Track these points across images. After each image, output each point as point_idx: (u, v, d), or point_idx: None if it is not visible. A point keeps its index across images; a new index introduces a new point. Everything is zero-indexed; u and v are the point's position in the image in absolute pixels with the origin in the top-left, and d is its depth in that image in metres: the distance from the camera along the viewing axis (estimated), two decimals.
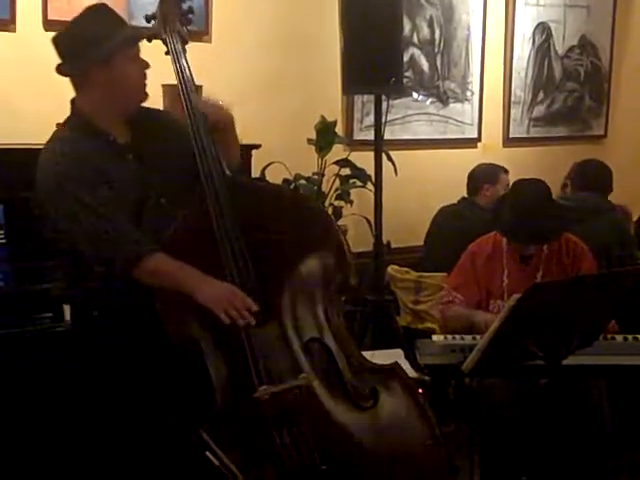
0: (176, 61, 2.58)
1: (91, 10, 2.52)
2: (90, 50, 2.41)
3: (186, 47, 2.64)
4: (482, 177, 4.76)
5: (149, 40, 2.61)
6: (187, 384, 2.44)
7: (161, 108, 3.28)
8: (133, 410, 2.47)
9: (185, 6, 2.67)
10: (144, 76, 2.53)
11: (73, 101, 2.54)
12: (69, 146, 2.42)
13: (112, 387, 2.48)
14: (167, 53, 2.61)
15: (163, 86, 3.42)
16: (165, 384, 2.45)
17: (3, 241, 3.20)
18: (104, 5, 2.56)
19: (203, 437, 2.23)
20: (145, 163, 2.54)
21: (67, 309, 2.93)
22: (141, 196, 2.50)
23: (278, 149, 4.31)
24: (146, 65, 2.53)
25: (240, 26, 4.50)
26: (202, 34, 4.28)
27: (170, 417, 2.35)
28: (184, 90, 2.56)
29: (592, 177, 4.57)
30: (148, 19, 2.67)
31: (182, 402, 2.42)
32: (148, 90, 2.59)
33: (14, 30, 3.69)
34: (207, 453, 2.21)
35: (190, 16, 2.69)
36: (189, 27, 2.66)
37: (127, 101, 2.53)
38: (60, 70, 2.48)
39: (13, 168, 2.46)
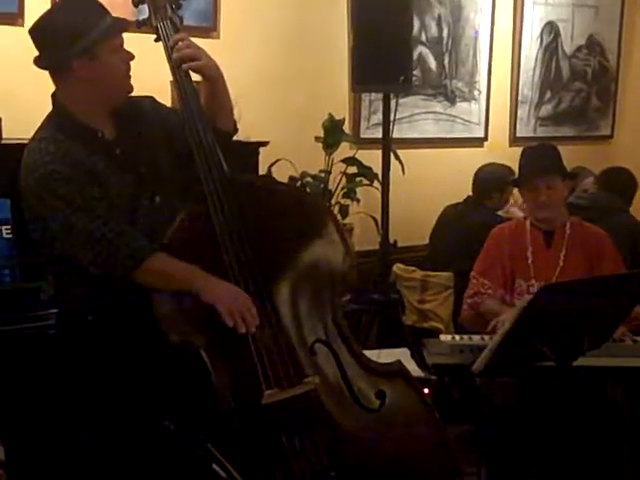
0: (168, 48, 2.44)
1: None
2: (72, 41, 2.28)
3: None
4: (490, 184, 4.71)
5: (139, 27, 2.48)
6: (187, 390, 2.34)
7: (169, 105, 3.25)
8: (131, 418, 2.37)
9: None
10: (129, 67, 2.40)
11: (54, 95, 2.41)
12: (55, 145, 2.30)
13: (109, 394, 2.38)
14: (157, 40, 2.48)
15: (171, 83, 3.39)
16: (164, 391, 2.35)
17: (9, 236, 3.16)
18: None
19: (208, 447, 2.13)
20: (135, 159, 2.43)
21: None
22: (134, 194, 2.40)
23: (285, 146, 4.29)
24: (131, 56, 2.40)
25: (248, 23, 4.49)
26: (210, 30, 4.26)
27: (169, 425, 2.21)
28: (178, 79, 2.45)
29: (613, 179, 4.66)
30: (135, 3, 2.52)
31: (182, 409, 2.30)
32: (156, 86, 2.53)
33: (22, 24, 3.67)
34: (214, 465, 2.10)
35: (181, 2, 2.51)
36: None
37: (112, 94, 2.40)
38: (39, 63, 2.35)
39: (20, 163, 2.39)
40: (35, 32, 2.35)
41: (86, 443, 2.45)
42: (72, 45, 2.29)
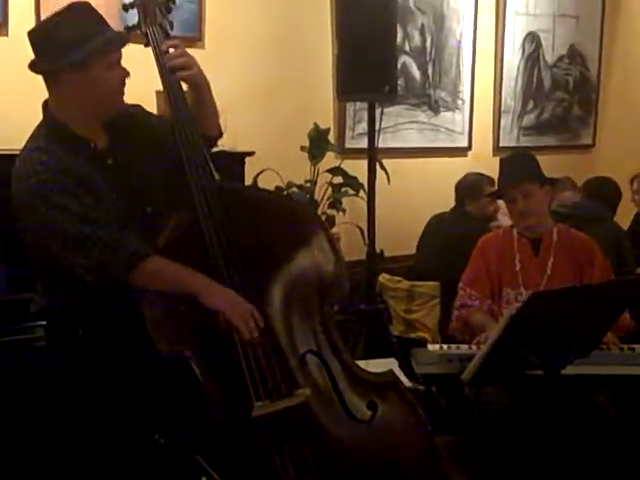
0: (158, 54, 2.43)
1: (72, 8, 2.34)
2: (65, 52, 2.25)
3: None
4: (464, 191, 4.75)
5: (128, 33, 2.45)
6: (177, 403, 2.31)
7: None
8: (121, 432, 2.34)
9: None
10: (122, 84, 2.37)
11: (45, 104, 2.39)
12: (47, 155, 2.27)
13: (98, 407, 2.35)
14: (147, 45, 2.45)
15: (157, 92, 3.39)
16: (154, 404, 2.32)
17: None
18: (87, 4, 2.36)
19: (198, 460, 2.12)
20: (127, 169, 2.41)
21: None
22: (126, 205, 2.39)
23: (271, 156, 4.29)
24: (126, 73, 2.37)
25: (233, 32, 4.49)
26: (195, 40, 4.26)
27: (159, 438, 2.21)
28: (168, 86, 2.43)
29: (597, 189, 4.71)
30: (126, 8, 2.49)
31: (172, 422, 2.28)
32: (142, 96, 2.50)
33: (7, 34, 3.66)
34: (204, 479, 2.10)
35: (171, 6, 2.50)
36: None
37: (101, 107, 2.38)
38: (33, 67, 2.34)
39: (8, 174, 2.37)
40: (32, 36, 2.33)
41: (75, 457, 2.43)
42: (65, 55, 2.26)
